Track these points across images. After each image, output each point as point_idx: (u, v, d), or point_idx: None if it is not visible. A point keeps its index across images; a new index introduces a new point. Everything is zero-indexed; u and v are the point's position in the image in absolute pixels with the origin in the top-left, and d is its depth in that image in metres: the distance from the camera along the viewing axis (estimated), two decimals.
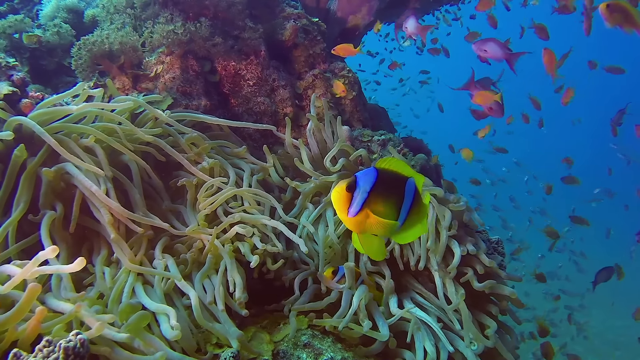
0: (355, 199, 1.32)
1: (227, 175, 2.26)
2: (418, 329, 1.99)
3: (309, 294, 2.05)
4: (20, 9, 3.29)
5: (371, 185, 1.32)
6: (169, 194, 2.25)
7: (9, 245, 1.80)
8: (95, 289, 1.81)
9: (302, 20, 3.17)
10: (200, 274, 1.88)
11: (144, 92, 2.65)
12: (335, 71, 3.21)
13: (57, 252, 1.42)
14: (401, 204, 1.36)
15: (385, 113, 3.96)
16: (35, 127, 1.87)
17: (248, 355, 1.74)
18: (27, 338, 1.40)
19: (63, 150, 1.85)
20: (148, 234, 1.99)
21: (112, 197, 1.89)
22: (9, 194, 1.90)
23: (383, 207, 1.34)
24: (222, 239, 1.97)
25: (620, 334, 8.67)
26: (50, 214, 1.85)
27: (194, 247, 2.00)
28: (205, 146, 2.30)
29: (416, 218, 1.41)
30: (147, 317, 1.63)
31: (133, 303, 1.70)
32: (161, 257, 1.92)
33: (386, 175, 1.35)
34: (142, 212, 2.01)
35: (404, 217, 1.37)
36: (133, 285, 1.79)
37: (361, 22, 3.71)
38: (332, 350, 1.85)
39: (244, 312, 1.80)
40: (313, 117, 2.65)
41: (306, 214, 2.33)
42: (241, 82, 2.94)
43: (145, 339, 1.57)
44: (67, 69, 2.80)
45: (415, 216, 1.40)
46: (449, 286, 2.15)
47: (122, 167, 2.12)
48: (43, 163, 1.95)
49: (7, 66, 2.51)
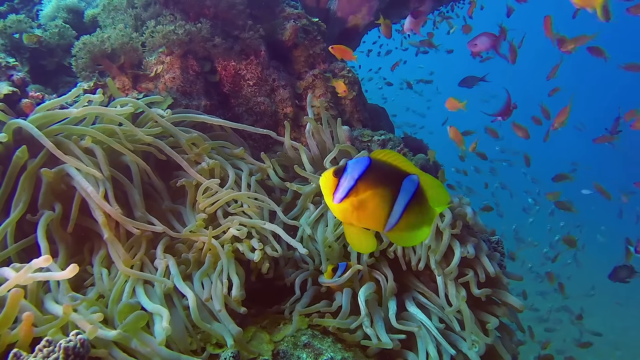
0: (342, 185, 1.27)
1: (227, 175, 2.26)
2: (420, 330, 1.99)
3: (309, 295, 2.05)
4: (20, 9, 3.29)
5: (360, 173, 1.26)
6: (169, 194, 2.24)
7: (7, 245, 1.80)
8: (94, 290, 1.81)
9: (302, 20, 3.17)
10: (199, 273, 1.88)
11: (144, 92, 2.65)
12: (335, 71, 3.21)
13: (49, 262, 1.41)
14: (395, 200, 1.28)
15: (385, 113, 3.96)
16: (33, 130, 1.86)
17: (248, 355, 1.74)
18: (22, 342, 1.41)
19: (60, 152, 1.84)
20: (147, 234, 1.98)
21: (110, 198, 1.88)
22: (8, 194, 1.90)
23: (372, 198, 1.27)
24: (221, 240, 1.97)
25: (620, 334, 8.66)
26: (48, 214, 1.85)
27: (194, 247, 2.00)
28: (206, 146, 2.30)
29: (418, 220, 1.32)
30: (144, 317, 1.63)
31: (132, 303, 1.70)
32: (162, 257, 1.92)
33: (381, 166, 1.29)
34: (141, 213, 2.01)
35: (399, 215, 1.29)
36: (134, 285, 1.79)
37: (361, 22, 3.71)
38: (332, 350, 1.84)
39: (242, 310, 1.79)
40: (311, 119, 2.64)
41: (307, 215, 2.32)
42: (241, 82, 2.94)
43: (141, 339, 1.57)
44: (67, 69, 2.80)
45: (416, 217, 1.31)
46: (450, 287, 2.14)
47: (122, 167, 2.11)
48: (44, 164, 1.94)
49: (7, 66, 2.51)
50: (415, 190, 1.29)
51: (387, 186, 1.28)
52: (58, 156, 1.85)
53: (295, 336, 1.87)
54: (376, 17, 3.74)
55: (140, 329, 1.61)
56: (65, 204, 1.93)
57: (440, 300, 2.16)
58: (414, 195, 1.29)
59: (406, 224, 1.31)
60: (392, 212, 1.29)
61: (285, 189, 2.53)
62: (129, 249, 1.96)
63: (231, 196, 2.08)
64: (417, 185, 1.29)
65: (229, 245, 1.96)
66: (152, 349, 1.55)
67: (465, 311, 2.04)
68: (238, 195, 2.11)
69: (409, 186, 1.28)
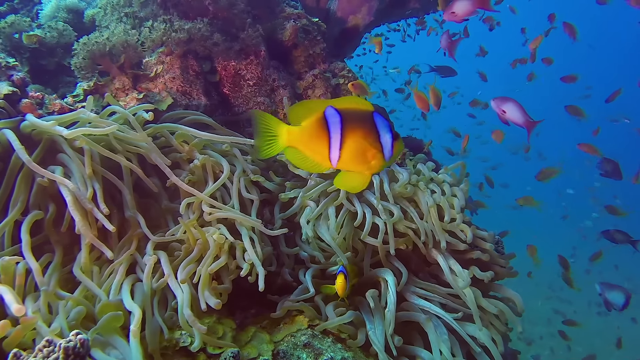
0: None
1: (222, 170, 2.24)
2: (428, 320, 2.02)
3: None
4: (20, 9, 3.29)
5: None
6: (167, 193, 2.24)
7: (4, 247, 1.80)
8: (79, 288, 1.81)
9: (302, 20, 3.17)
10: (184, 263, 1.89)
11: (143, 92, 2.65)
12: (335, 71, 3.21)
13: (23, 312, 1.41)
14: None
15: (385, 113, 3.96)
16: (14, 143, 1.84)
17: (249, 355, 1.75)
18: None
19: (36, 166, 1.81)
20: (138, 232, 1.99)
21: (99, 198, 1.87)
22: (8, 194, 1.90)
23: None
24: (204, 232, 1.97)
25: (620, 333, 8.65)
26: (35, 213, 1.85)
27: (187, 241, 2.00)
28: (196, 142, 2.29)
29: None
30: (119, 318, 1.63)
31: (113, 302, 1.71)
32: (152, 253, 1.92)
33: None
34: (131, 212, 2.00)
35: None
36: (121, 282, 1.81)
37: (361, 22, 3.71)
38: (332, 350, 1.85)
39: (214, 302, 1.76)
40: None
41: (308, 212, 2.32)
42: (241, 82, 2.94)
43: (111, 341, 1.57)
44: (67, 69, 2.80)
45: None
46: (455, 266, 2.20)
47: (116, 167, 2.09)
48: (38, 163, 1.94)
49: (7, 66, 2.51)
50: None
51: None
52: (36, 170, 1.82)
53: (295, 336, 1.87)
54: (376, 17, 3.74)
55: (114, 329, 1.61)
56: (60, 205, 1.92)
57: (440, 289, 2.21)
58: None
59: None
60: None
61: (284, 189, 2.52)
62: (120, 249, 1.97)
63: (215, 216, 2.04)
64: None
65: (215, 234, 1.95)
66: (120, 352, 1.55)
67: (470, 294, 2.10)
68: (228, 215, 2.05)
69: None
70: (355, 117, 1.37)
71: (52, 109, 2.41)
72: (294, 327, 1.92)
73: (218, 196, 2.17)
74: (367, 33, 4.11)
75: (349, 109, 1.38)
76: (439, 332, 2.02)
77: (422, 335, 2.07)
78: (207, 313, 1.81)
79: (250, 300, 2.02)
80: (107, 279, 1.86)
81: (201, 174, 2.24)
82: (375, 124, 1.37)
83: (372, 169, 1.42)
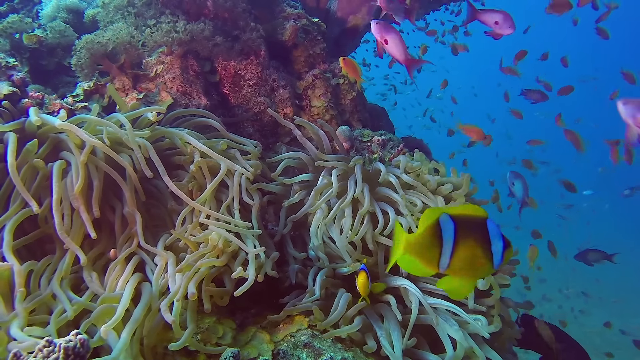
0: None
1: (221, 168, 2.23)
2: (437, 318, 2.01)
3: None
4: (20, 9, 3.29)
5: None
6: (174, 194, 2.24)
7: None
8: (88, 292, 1.82)
9: (302, 20, 3.17)
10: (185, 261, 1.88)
11: (144, 92, 2.65)
12: (335, 71, 3.22)
13: None
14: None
15: (385, 113, 3.97)
16: (9, 148, 1.85)
17: (249, 355, 1.75)
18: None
19: (19, 183, 1.82)
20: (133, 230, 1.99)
21: (94, 199, 1.89)
22: (11, 189, 1.91)
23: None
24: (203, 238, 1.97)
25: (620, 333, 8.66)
26: (24, 211, 1.86)
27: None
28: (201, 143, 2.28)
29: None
30: (109, 311, 1.64)
31: (111, 296, 1.73)
32: (164, 254, 1.92)
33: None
34: (129, 210, 2.00)
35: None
36: (127, 280, 1.81)
37: (361, 22, 3.71)
38: (332, 350, 1.85)
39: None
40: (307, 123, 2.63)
41: (319, 217, 2.29)
42: (241, 82, 2.94)
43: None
44: (67, 69, 2.80)
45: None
46: None
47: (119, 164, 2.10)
48: (44, 159, 1.95)
49: (7, 66, 2.51)
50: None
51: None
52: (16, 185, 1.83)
53: (295, 336, 1.88)
54: (376, 16, 3.74)
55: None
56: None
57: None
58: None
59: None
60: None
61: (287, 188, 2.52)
62: (121, 245, 1.98)
63: (208, 231, 2.02)
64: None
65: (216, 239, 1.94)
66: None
67: None
68: (224, 225, 2.02)
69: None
70: (468, 224, 1.39)
71: (52, 109, 2.41)
72: (294, 327, 1.92)
73: (222, 198, 2.17)
74: (367, 33, 4.11)
75: (462, 216, 1.40)
76: (449, 323, 2.02)
77: (427, 337, 2.06)
78: (208, 313, 1.82)
79: (250, 300, 2.02)
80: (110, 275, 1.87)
81: (202, 177, 2.23)
82: (487, 231, 1.38)
83: (478, 276, 1.47)
